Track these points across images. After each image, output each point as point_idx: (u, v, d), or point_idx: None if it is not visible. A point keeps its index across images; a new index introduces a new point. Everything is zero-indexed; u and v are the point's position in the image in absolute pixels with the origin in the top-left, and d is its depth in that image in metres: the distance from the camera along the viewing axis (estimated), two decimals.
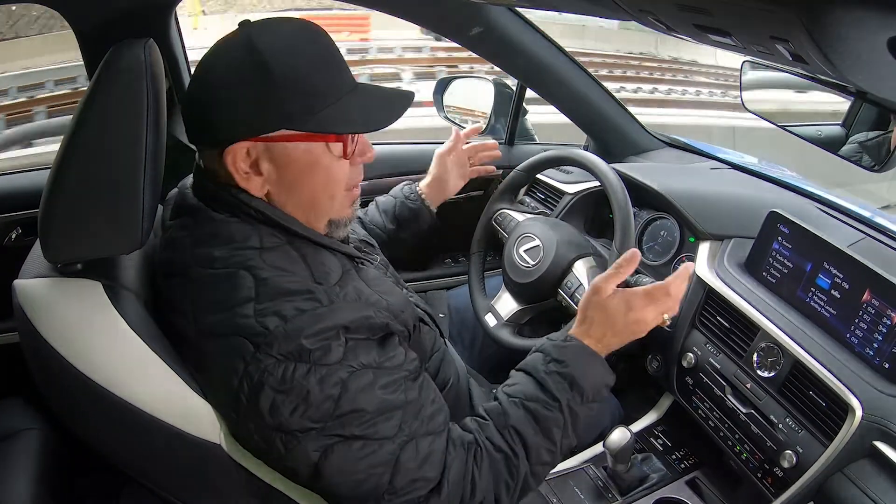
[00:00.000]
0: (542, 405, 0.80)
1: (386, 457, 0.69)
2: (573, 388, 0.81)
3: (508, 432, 0.79)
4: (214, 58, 0.72)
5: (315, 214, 0.78)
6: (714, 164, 1.61)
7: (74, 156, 0.69)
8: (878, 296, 0.92)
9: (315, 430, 0.67)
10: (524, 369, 0.85)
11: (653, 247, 1.37)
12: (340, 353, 0.68)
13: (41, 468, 0.97)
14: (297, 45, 0.71)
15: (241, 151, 0.71)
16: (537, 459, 0.79)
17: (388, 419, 0.70)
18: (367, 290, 0.75)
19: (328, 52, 0.74)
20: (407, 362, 0.76)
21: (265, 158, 0.73)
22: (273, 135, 0.71)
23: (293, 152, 0.73)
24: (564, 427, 0.81)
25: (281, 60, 0.69)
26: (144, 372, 0.69)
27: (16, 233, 1.30)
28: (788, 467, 0.94)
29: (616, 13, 0.68)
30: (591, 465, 1.13)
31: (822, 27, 0.40)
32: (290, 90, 0.69)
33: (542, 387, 0.81)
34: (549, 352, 0.84)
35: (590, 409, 0.83)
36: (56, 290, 0.72)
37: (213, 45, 0.73)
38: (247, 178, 0.73)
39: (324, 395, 0.66)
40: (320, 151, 0.74)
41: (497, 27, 1.43)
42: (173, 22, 1.32)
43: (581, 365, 0.82)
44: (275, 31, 0.71)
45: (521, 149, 1.81)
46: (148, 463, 0.76)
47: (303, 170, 0.74)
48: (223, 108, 0.71)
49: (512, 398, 0.82)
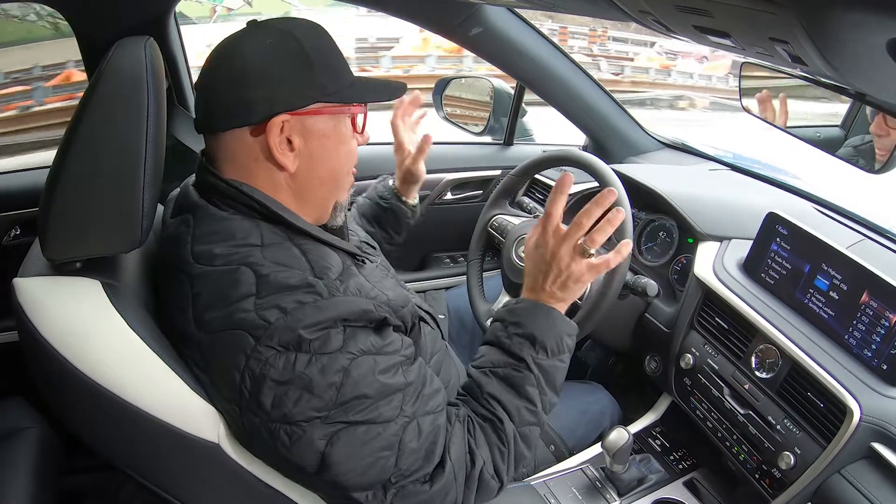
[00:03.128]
0: (511, 368, 0.83)
1: (390, 439, 0.70)
2: (535, 344, 0.83)
3: (486, 400, 0.82)
4: (239, 46, 0.75)
5: (334, 190, 0.83)
6: (713, 165, 1.62)
7: (74, 154, 0.68)
8: (876, 297, 0.93)
9: (319, 420, 0.67)
10: (487, 341, 0.88)
11: (651, 248, 1.37)
12: (340, 342, 0.69)
13: (40, 467, 0.97)
14: (320, 36, 0.79)
15: (276, 127, 0.74)
16: (521, 420, 0.82)
17: (389, 402, 0.71)
18: (367, 285, 0.76)
19: (338, 47, 0.81)
20: (404, 347, 0.77)
21: (297, 133, 0.76)
22: (309, 108, 0.76)
23: (324, 126, 0.78)
24: (538, 384, 0.83)
25: (313, 45, 0.76)
26: (143, 371, 0.69)
27: (15, 231, 1.30)
28: (786, 468, 0.94)
29: (616, 14, 0.69)
30: (590, 466, 1.13)
31: (822, 29, 0.41)
32: (322, 67, 0.76)
33: (505, 351, 0.84)
34: (504, 317, 0.87)
35: (560, 361, 0.85)
36: (55, 288, 0.72)
37: (226, 39, 0.77)
38: (283, 153, 0.76)
39: (326, 384, 0.67)
40: (344, 126, 0.80)
41: (496, 28, 1.43)
42: (173, 22, 1.32)
43: (537, 321, 0.85)
44: (301, 24, 0.78)
45: (519, 149, 1.81)
46: (147, 462, 0.76)
47: (332, 143, 0.79)
48: (261, 85, 0.74)
49: (481, 369, 0.84)
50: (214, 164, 0.78)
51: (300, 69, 0.75)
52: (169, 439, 0.70)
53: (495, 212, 1.37)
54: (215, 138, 0.77)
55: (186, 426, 0.70)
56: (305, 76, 0.75)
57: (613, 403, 1.29)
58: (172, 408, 0.69)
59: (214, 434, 0.71)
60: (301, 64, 0.74)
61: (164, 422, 0.69)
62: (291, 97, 0.75)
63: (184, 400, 0.70)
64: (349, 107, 0.79)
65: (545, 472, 1.12)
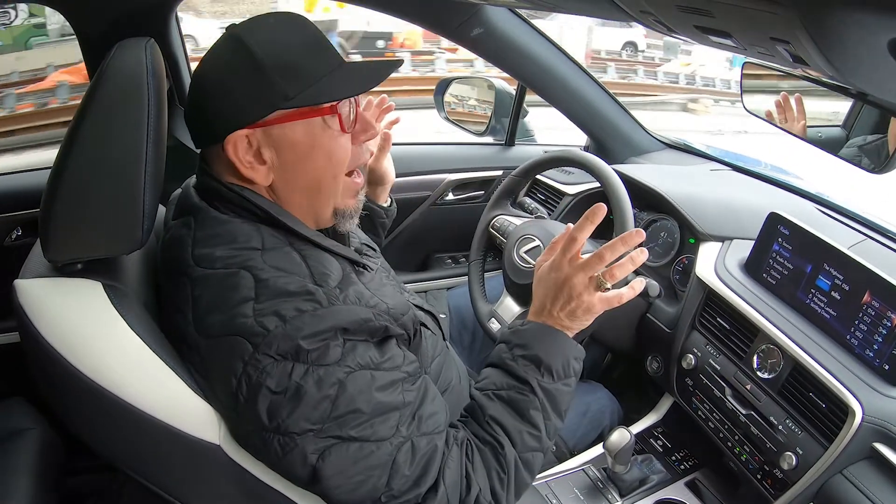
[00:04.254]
0: (514, 391, 0.80)
1: (383, 458, 0.69)
2: (541, 367, 0.81)
3: (488, 424, 0.79)
4: (207, 61, 0.74)
5: (320, 199, 0.79)
6: (714, 165, 1.61)
7: (75, 155, 0.68)
8: (878, 297, 0.92)
9: (312, 433, 0.66)
10: (491, 363, 0.86)
11: (653, 248, 1.37)
12: (338, 354, 0.68)
13: (41, 468, 0.97)
14: (281, 32, 0.73)
15: (241, 142, 0.72)
16: (523, 446, 0.80)
17: (385, 420, 0.70)
18: (367, 294, 0.75)
19: (313, 37, 0.75)
20: (405, 364, 0.76)
21: (266, 145, 0.73)
22: (269, 118, 0.72)
23: (292, 134, 0.73)
24: (543, 409, 0.80)
25: (266, 48, 0.70)
26: (144, 372, 0.69)
27: (16, 232, 1.30)
28: (788, 469, 0.94)
29: (617, 14, 0.69)
30: (591, 466, 1.13)
31: (823, 29, 0.41)
32: (279, 73, 0.70)
33: (510, 374, 0.82)
34: (510, 339, 0.85)
35: (565, 385, 0.83)
36: (56, 289, 0.72)
37: (206, 52, 0.75)
38: (251, 168, 0.74)
39: (321, 396, 0.66)
40: (319, 130, 0.74)
41: (497, 28, 1.43)
42: (174, 22, 1.32)
43: (543, 343, 0.82)
44: (259, 24, 0.74)
45: (520, 149, 1.81)
46: (148, 463, 0.76)
47: (304, 151, 0.75)
48: (217, 102, 0.72)
49: (484, 392, 0.82)
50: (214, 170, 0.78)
51: (251, 78, 0.70)
52: (170, 440, 0.70)
53: (497, 212, 1.37)
54: (204, 154, 0.78)
55: (187, 427, 0.70)
56: (258, 84, 0.70)
57: (614, 403, 1.29)
58: (173, 409, 0.69)
59: (216, 435, 0.71)
60: (251, 71, 0.70)
61: (165, 423, 0.69)
62: (246, 109, 0.71)
63: (185, 401, 0.70)
64: (317, 109, 0.73)
65: (547, 472, 1.12)
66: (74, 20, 1.19)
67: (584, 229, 0.83)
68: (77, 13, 1.18)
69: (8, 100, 6.22)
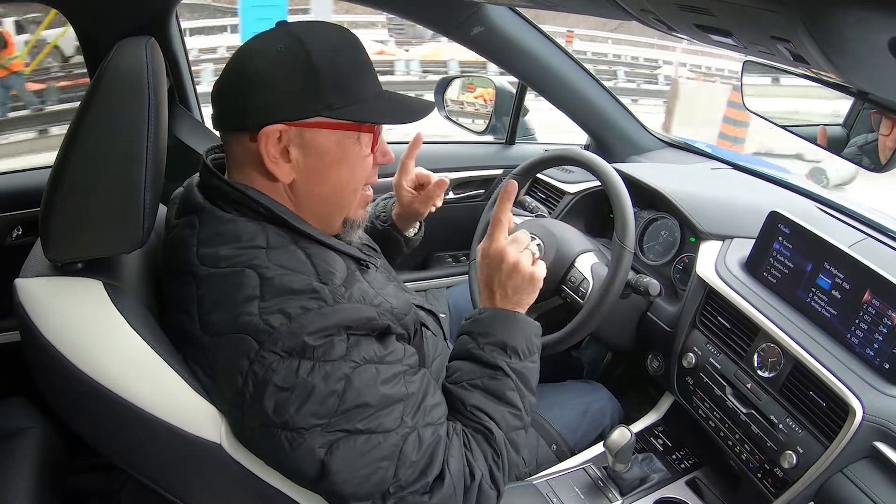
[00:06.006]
0: (487, 378, 0.83)
1: (390, 449, 0.70)
2: (507, 350, 0.85)
3: (472, 413, 0.82)
4: (254, 48, 0.75)
5: (336, 208, 0.81)
6: (715, 164, 1.61)
7: (76, 154, 0.69)
8: (878, 296, 0.92)
9: (320, 427, 0.67)
10: (458, 356, 0.88)
11: (653, 247, 1.37)
12: (343, 349, 0.69)
13: (42, 467, 0.98)
14: (340, 46, 0.75)
15: (273, 135, 0.73)
16: (508, 427, 0.82)
17: (390, 412, 0.71)
18: (371, 292, 0.76)
19: (364, 59, 0.78)
20: (406, 357, 0.77)
21: (296, 145, 0.75)
22: (309, 121, 0.74)
23: (325, 141, 0.75)
24: (518, 388, 0.84)
25: (325, 54, 0.73)
26: (145, 371, 0.69)
27: (17, 231, 1.30)
28: (789, 467, 0.94)
29: (617, 13, 0.69)
30: (592, 465, 1.13)
31: (824, 28, 0.41)
32: (330, 82, 0.73)
33: (479, 362, 0.85)
34: (471, 330, 0.88)
35: (531, 362, 0.87)
36: (57, 289, 0.72)
37: (251, 39, 0.76)
38: (275, 163, 0.74)
39: (328, 391, 0.67)
40: (350, 144, 0.77)
41: (498, 27, 1.43)
42: (174, 21, 1.32)
43: (503, 327, 0.86)
44: (319, 31, 0.75)
45: (521, 148, 1.81)
46: (149, 462, 0.76)
47: (333, 160, 0.77)
48: (259, 91, 0.73)
49: (459, 384, 0.84)
50: (225, 162, 0.78)
51: (303, 79, 0.72)
52: (171, 439, 0.70)
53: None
54: (226, 136, 0.78)
55: (189, 426, 0.70)
56: (308, 87, 0.72)
57: (614, 402, 1.29)
58: (174, 408, 0.70)
59: (217, 434, 0.71)
60: (305, 73, 0.72)
61: (166, 422, 0.69)
62: (289, 107, 0.73)
63: (186, 400, 0.70)
64: (357, 125, 0.76)
65: (547, 471, 1.12)
66: (75, 20, 1.19)
67: (504, 209, 0.89)
68: (77, 13, 1.18)
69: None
